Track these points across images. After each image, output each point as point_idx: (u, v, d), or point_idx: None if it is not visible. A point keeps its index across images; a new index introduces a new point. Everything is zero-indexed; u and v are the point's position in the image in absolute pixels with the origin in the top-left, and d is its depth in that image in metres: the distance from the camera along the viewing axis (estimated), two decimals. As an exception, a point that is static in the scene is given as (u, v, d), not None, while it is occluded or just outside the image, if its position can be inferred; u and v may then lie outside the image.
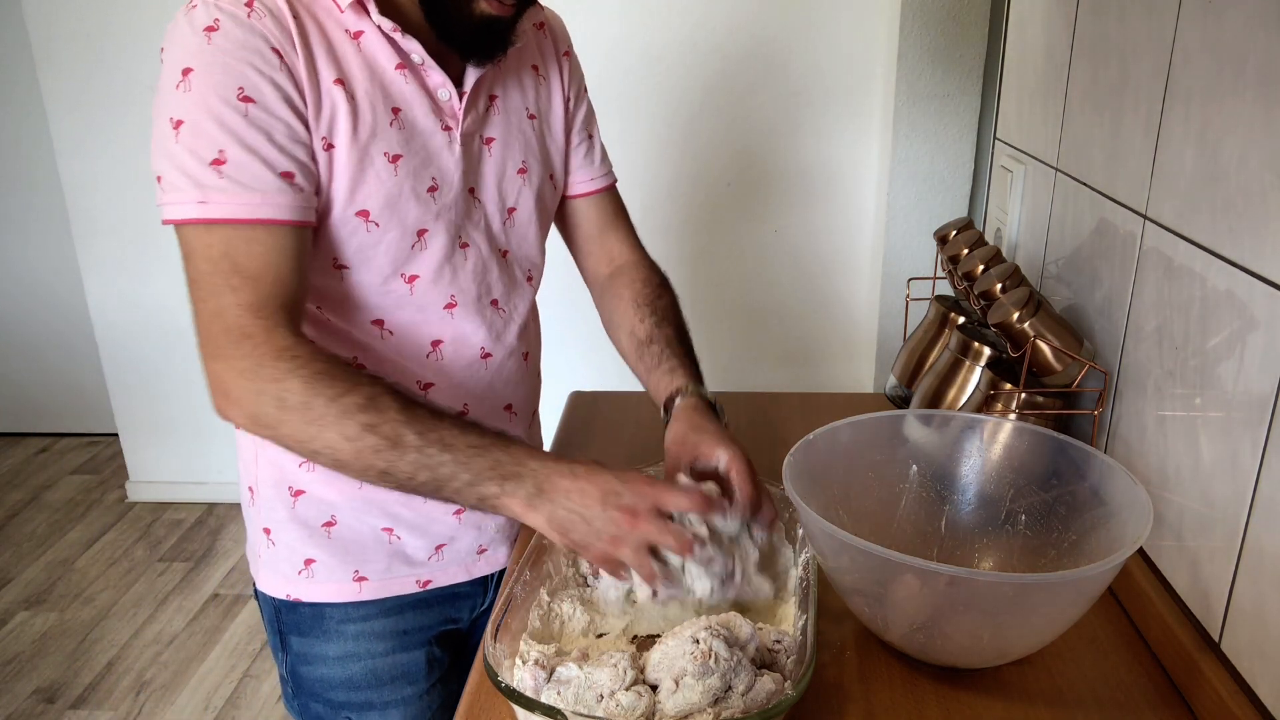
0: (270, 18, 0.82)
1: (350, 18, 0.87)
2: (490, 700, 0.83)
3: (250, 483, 1.02)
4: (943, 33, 1.97)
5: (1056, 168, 1.25)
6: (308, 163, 0.84)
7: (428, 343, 0.97)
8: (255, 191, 0.81)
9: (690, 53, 2.29)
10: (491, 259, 1.00)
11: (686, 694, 0.71)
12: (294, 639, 1.05)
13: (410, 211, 0.91)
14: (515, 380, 1.06)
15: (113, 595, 2.54)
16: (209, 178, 0.80)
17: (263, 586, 1.05)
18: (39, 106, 2.78)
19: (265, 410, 0.80)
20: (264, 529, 1.02)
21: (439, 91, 0.92)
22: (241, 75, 0.80)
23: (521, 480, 0.80)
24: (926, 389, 1.21)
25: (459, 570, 1.07)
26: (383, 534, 1.01)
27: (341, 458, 0.79)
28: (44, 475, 3.19)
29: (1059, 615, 0.79)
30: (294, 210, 0.83)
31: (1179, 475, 0.89)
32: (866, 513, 0.95)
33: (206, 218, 0.80)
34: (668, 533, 0.79)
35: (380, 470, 0.79)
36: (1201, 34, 0.86)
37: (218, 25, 0.81)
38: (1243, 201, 0.79)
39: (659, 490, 0.80)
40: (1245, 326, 0.78)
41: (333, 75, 0.85)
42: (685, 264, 2.48)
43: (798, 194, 2.40)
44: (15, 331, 3.31)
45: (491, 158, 0.98)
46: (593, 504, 0.79)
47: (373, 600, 1.03)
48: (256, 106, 0.81)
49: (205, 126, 0.80)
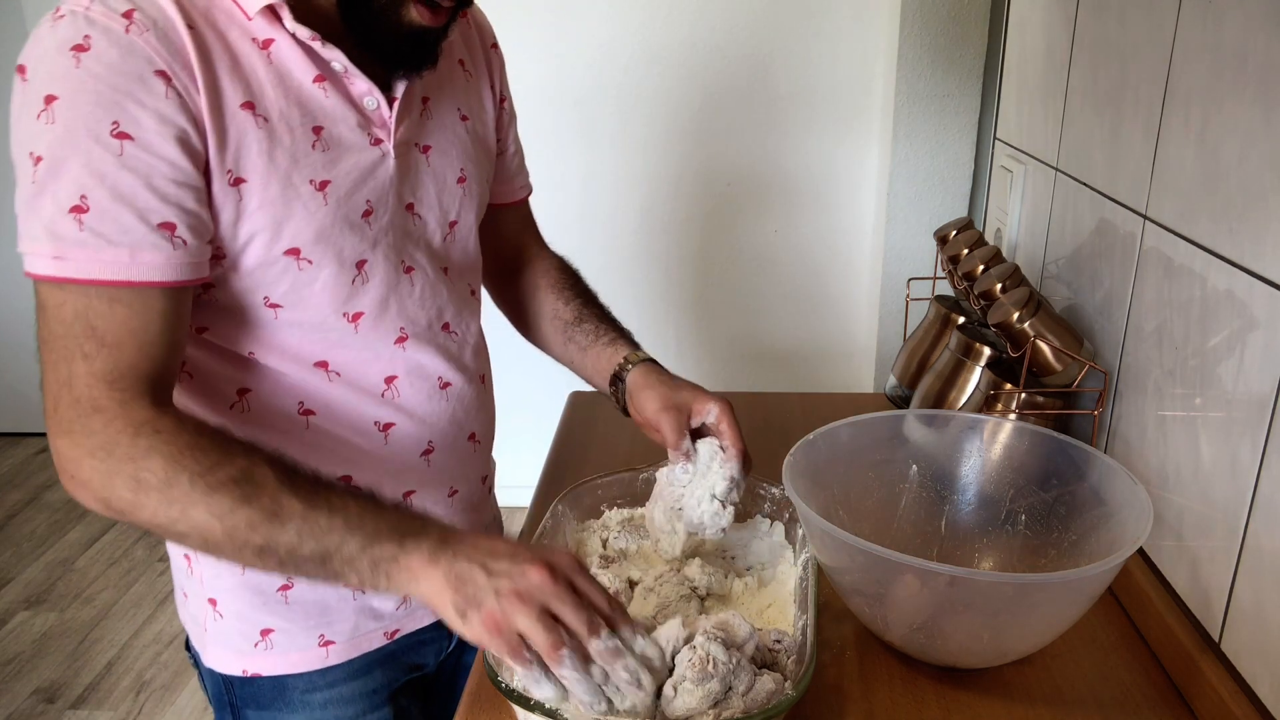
0: (154, 32, 0.69)
1: (259, 25, 0.75)
2: (490, 700, 0.83)
3: (188, 550, 0.90)
4: (943, 33, 1.97)
5: (1056, 168, 1.25)
6: (197, 210, 0.72)
7: (381, 380, 0.87)
8: (121, 247, 0.69)
9: (690, 53, 2.29)
10: (440, 280, 0.90)
11: (685, 699, 0.71)
12: (251, 713, 0.94)
13: (346, 243, 0.80)
14: (475, 407, 0.97)
15: (113, 595, 2.54)
16: (67, 228, 0.68)
17: (211, 663, 0.92)
18: (39, 106, 2.78)
19: (119, 494, 0.69)
20: (208, 600, 0.90)
21: (365, 100, 0.81)
22: (116, 106, 0.68)
23: (426, 534, 0.69)
24: (927, 389, 1.21)
25: (425, 614, 0.97)
26: (345, 590, 0.90)
27: (212, 538, 0.68)
28: (44, 475, 3.18)
29: (1059, 615, 0.79)
30: (169, 269, 0.71)
31: (1179, 475, 0.89)
32: (866, 513, 0.95)
33: (60, 276, 0.69)
34: (577, 606, 0.66)
35: (258, 547, 0.68)
36: (1201, 34, 0.86)
37: (89, 44, 0.67)
38: (1243, 201, 0.79)
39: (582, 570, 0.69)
40: (1245, 326, 0.78)
41: (240, 98, 0.73)
42: (685, 264, 2.48)
43: (798, 194, 2.40)
44: (15, 331, 3.31)
45: (430, 168, 0.88)
46: (500, 552, 0.67)
47: (340, 664, 0.93)
48: (134, 144, 0.68)
49: (68, 167, 0.67)
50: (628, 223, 2.43)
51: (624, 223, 2.43)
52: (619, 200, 2.42)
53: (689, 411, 0.91)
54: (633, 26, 2.27)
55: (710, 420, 0.91)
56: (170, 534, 0.71)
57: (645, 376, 0.95)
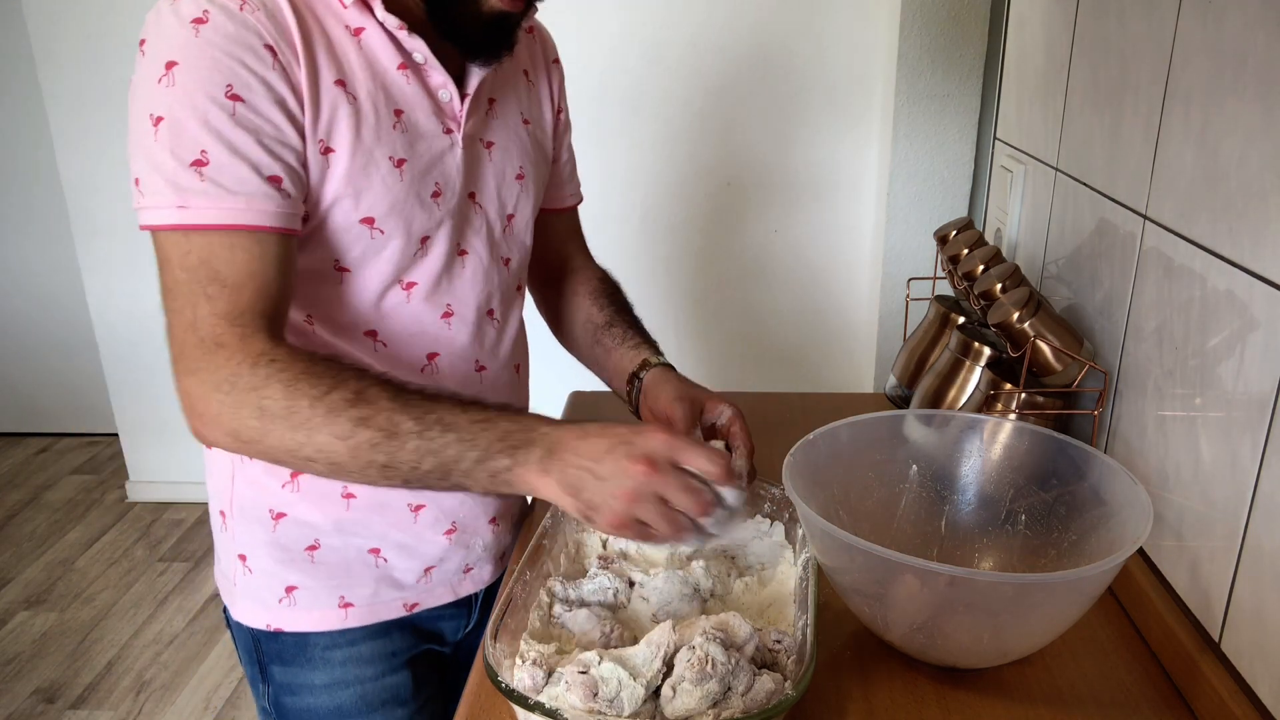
0: (264, 11, 0.77)
1: (353, 14, 0.82)
2: (490, 700, 0.83)
3: (222, 506, 0.96)
4: (943, 33, 1.97)
5: (1056, 168, 1.25)
6: (297, 169, 0.79)
7: (423, 356, 0.92)
8: (239, 196, 0.75)
9: (691, 52, 2.29)
10: (493, 267, 0.96)
11: (684, 699, 0.71)
12: (276, 669, 0.99)
13: (415, 218, 0.87)
14: (508, 394, 1.02)
15: (113, 595, 2.54)
16: (189, 180, 0.74)
17: (239, 616, 0.99)
18: (39, 106, 2.78)
19: (247, 423, 0.74)
20: (239, 555, 0.96)
21: (440, 93, 0.88)
22: (230, 71, 0.75)
23: (533, 447, 0.73)
24: (926, 389, 1.21)
25: (445, 591, 1.02)
26: (369, 556, 0.96)
27: (337, 460, 0.74)
28: (44, 475, 3.19)
29: (1059, 615, 0.79)
30: (280, 217, 0.78)
31: (1179, 475, 0.89)
32: (866, 513, 0.95)
33: (186, 224, 0.75)
34: (687, 490, 0.72)
35: (381, 465, 0.74)
36: (1201, 34, 0.86)
37: (207, 17, 0.75)
38: (1243, 201, 0.79)
39: (677, 443, 0.73)
40: (1245, 326, 0.78)
41: (333, 75, 0.81)
42: (685, 264, 2.48)
43: (798, 194, 2.40)
44: (15, 331, 3.31)
45: (492, 162, 0.95)
46: (602, 454, 0.72)
47: (359, 626, 0.98)
48: (245, 105, 0.75)
49: (188, 125, 0.74)
50: (628, 222, 2.43)
51: (624, 222, 2.43)
52: (619, 200, 2.42)
53: (702, 407, 0.94)
54: (633, 26, 2.27)
55: (722, 422, 0.94)
56: (297, 460, 0.76)
57: (663, 375, 0.99)
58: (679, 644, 0.75)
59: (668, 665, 0.74)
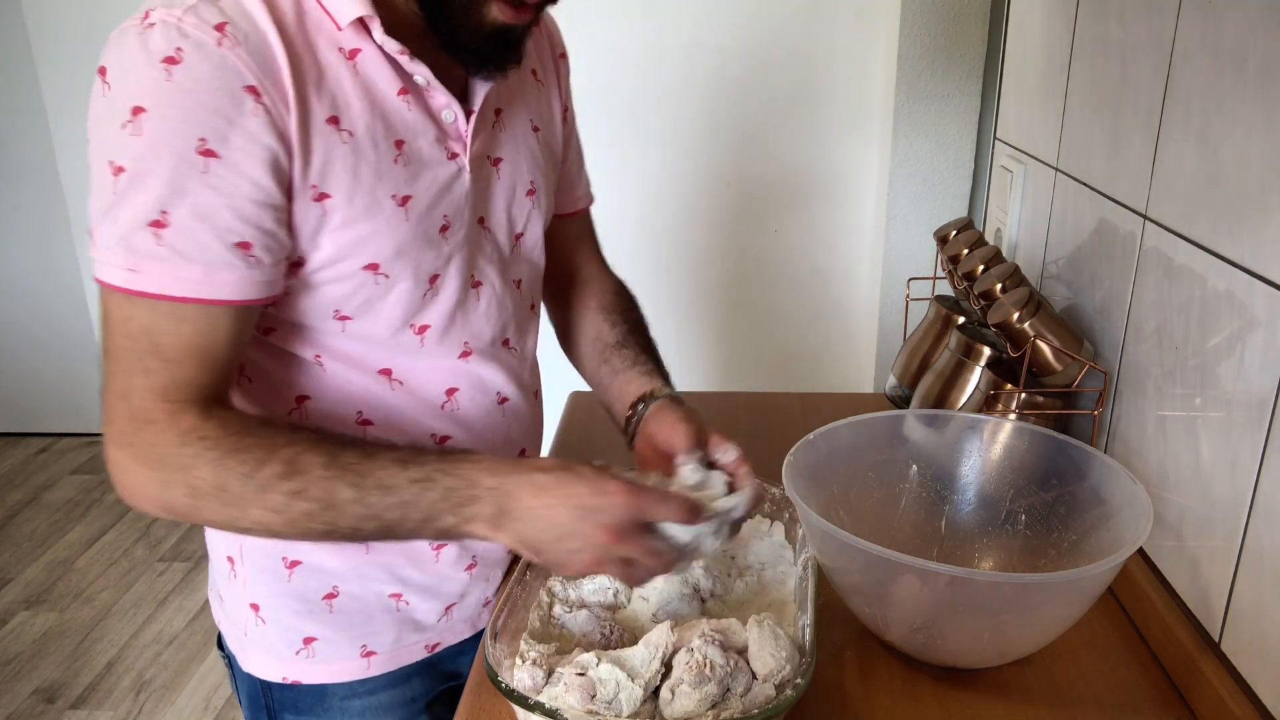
0: (245, 46, 0.68)
1: (348, 36, 0.74)
2: (490, 700, 0.83)
3: (230, 552, 0.90)
4: (943, 33, 1.97)
5: (1056, 168, 1.25)
6: (274, 230, 0.71)
7: (442, 391, 0.87)
8: (196, 264, 0.68)
9: (690, 52, 2.29)
10: (506, 294, 0.90)
11: (683, 701, 0.71)
12: (289, 717, 0.94)
13: (424, 258, 0.80)
14: (528, 422, 0.98)
15: (113, 595, 2.54)
16: (144, 243, 0.67)
17: (250, 668, 0.93)
18: (39, 106, 2.78)
19: (178, 500, 0.71)
20: (251, 605, 0.90)
21: (444, 114, 0.80)
22: (204, 123, 0.67)
23: (479, 503, 0.71)
24: (926, 389, 1.21)
25: (466, 628, 0.98)
26: (390, 600, 0.91)
27: (275, 530, 0.71)
28: (44, 475, 3.18)
29: (1059, 615, 0.79)
30: (241, 288, 0.71)
31: (1179, 475, 0.89)
32: (866, 513, 0.95)
33: (133, 289, 0.68)
34: (651, 555, 0.72)
35: (321, 532, 0.71)
36: (1201, 34, 0.86)
37: (180, 57, 0.66)
38: (1243, 201, 0.79)
39: (640, 502, 0.71)
40: (1245, 326, 0.78)
41: (326, 113, 0.73)
42: (685, 264, 2.48)
43: (798, 194, 2.40)
44: (15, 331, 3.31)
45: (500, 180, 0.88)
46: (564, 523, 0.70)
47: (380, 674, 0.94)
48: (219, 162, 0.68)
49: (150, 182, 0.67)
50: (627, 222, 2.42)
51: (624, 222, 2.43)
52: (619, 200, 2.42)
53: (707, 438, 0.87)
54: (634, 26, 2.27)
55: (728, 460, 0.85)
56: (236, 530, 0.74)
57: (671, 404, 0.91)
58: (677, 645, 0.75)
59: (666, 666, 0.74)
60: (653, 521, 0.73)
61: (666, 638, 0.75)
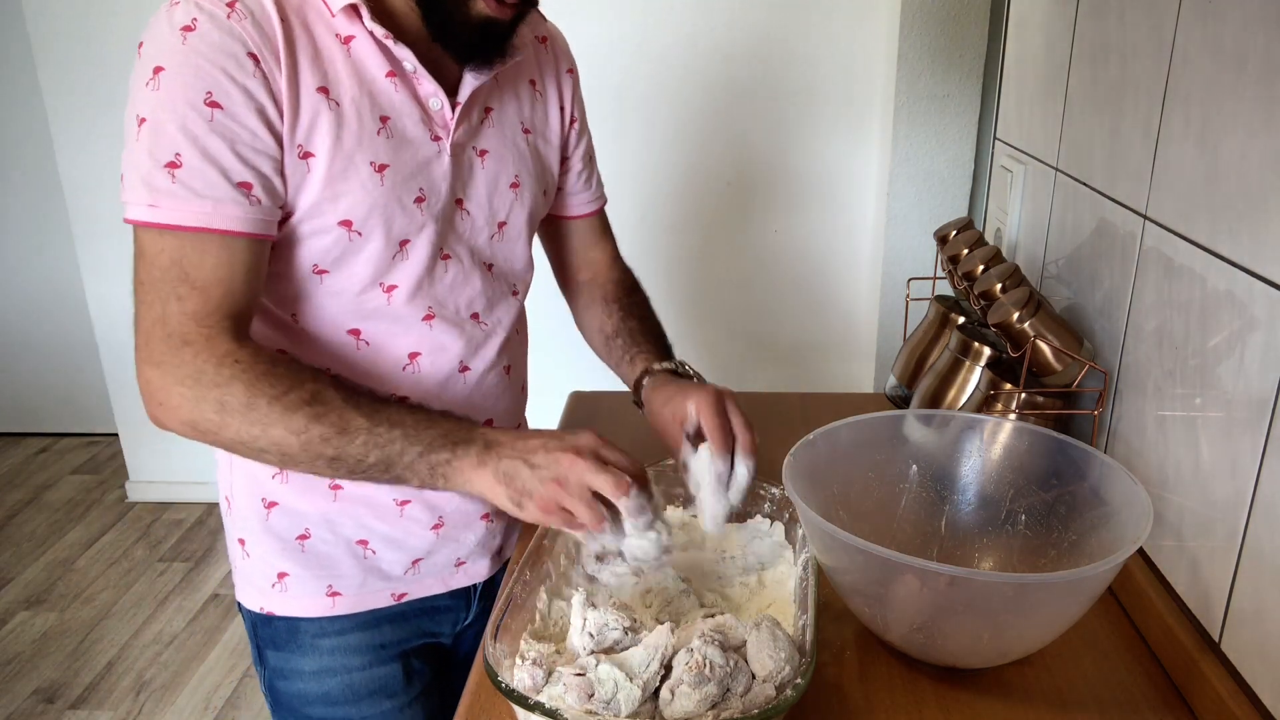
0: (251, 20, 0.80)
1: (341, 22, 0.85)
2: (490, 700, 0.83)
3: (227, 492, 1.01)
4: (943, 33, 1.97)
5: (1056, 168, 1.25)
6: (270, 176, 0.82)
7: (404, 355, 0.95)
8: (207, 200, 0.79)
9: (690, 52, 2.29)
10: (474, 271, 0.98)
11: (683, 702, 0.71)
12: (270, 653, 1.03)
13: (395, 221, 0.89)
14: (495, 394, 1.04)
15: (113, 595, 2.54)
16: (161, 181, 0.78)
17: (240, 597, 1.04)
18: (39, 106, 2.78)
19: (206, 416, 0.79)
20: (239, 539, 1.01)
21: (430, 101, 0.90)
22: (211, 79, 0.78)
23: (472, 443, 0.81)
24: (926, 389, 1.21)
25: (435, 583, 1.05)
26: (357, 547, 0.99)
27: (288, 451, 0.80)
28: (44, 475, 3.19)
29: (1059, 615, 0.79)
30: (248, 222, 0.81)
31: (1179, 475, 0.89)
32: (866, 513, 0.95)
33: (156, 222, 0.79)
34: (606, 472, 0.79)
35: (330, 458, 0.80)
36: (1201, 34, 0.86)
37: (195, 25, 0.78)
38: (1243, 201, 0.79)
39: (603, 441, 0.81)
40: (1245, 326, 0.78)
41: (316, 82, 0.83)
42: (685, 264, 2.48)
43: (798, 194, 2.40)
44: (15, 331, 3.31)
45: (484, 170, 0.96)
46: (536, 448, 0.80)
47: (347, 614, 1.01)
48: (223, 112, 0.79)
49: (166, 128, 0.78)
50: (627, 222, 2.42)
51: (624, 222, 2.41)
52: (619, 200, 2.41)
53: (680, 419, 0.94)
54: (633, 26, 2.28)
55: (690, 428, 0.93)
56: (252, 450, 0.81)
57: (655, 388, 1.01)
58: (677, 646, 0.75)
59: (665, 667, 0.74)
60: (608, 460, 0.80)
61: (666, 639, 0.75)
